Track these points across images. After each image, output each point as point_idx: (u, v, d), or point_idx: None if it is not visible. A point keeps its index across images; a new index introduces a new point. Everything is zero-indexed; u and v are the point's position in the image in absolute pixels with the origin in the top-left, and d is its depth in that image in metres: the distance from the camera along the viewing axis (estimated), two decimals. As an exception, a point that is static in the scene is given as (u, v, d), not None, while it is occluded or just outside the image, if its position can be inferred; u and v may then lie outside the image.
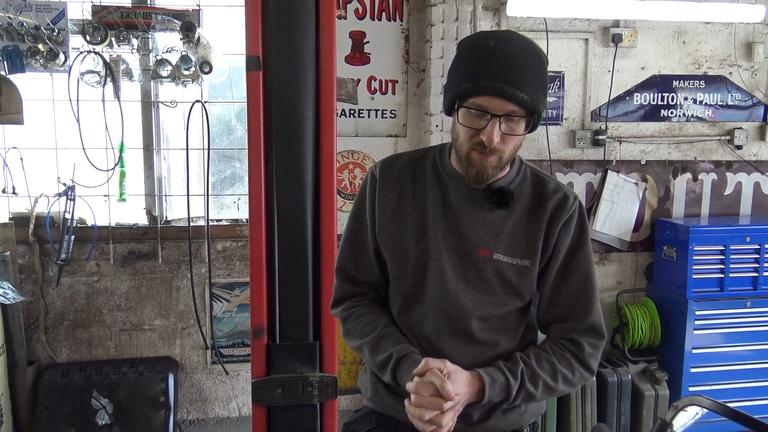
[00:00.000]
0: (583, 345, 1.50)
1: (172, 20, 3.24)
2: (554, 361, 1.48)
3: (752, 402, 3.66)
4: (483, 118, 1.35)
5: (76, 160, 3.39)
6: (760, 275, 3.65)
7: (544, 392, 1.47)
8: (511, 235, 1.49)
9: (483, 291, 1.48)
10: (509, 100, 1.32)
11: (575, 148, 3.81)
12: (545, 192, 1.52)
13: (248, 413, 3.72)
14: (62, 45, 3.18)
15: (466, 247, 1.48)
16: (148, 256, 3.61)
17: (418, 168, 1.58)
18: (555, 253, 1.50)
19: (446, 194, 1.52)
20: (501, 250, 1.48)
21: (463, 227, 1.49)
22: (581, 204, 1.54)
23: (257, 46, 2.28)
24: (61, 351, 3.60)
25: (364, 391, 1.68)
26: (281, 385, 2.33)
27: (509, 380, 1.43)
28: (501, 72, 1.32)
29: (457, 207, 1.50)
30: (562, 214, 1.49)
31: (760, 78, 3.97)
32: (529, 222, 1.50)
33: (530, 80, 1.33)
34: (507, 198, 1.48)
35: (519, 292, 1.50)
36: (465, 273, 1.48)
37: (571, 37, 3.74)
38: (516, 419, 1.55)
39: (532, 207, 1.51)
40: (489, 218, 1.49)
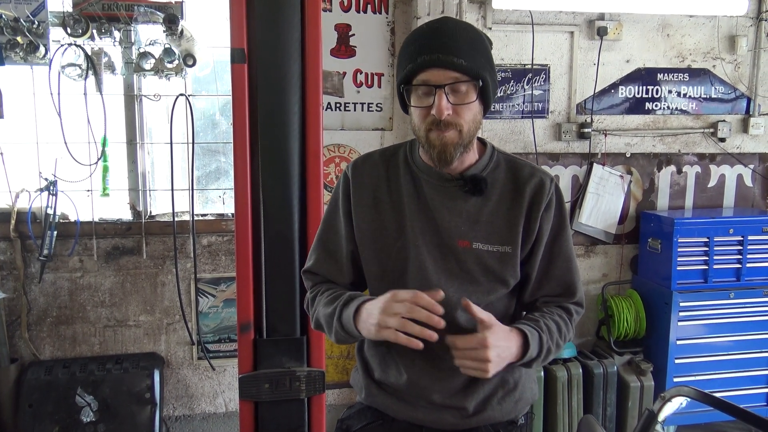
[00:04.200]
0: (571, 310, 1.56)
1: (155, 12, 3.20)
2: (557, 319, 1.51)
3: (736, 392, 3.71)
4: (430, 95, 1.37)
5: (58, 155, 3.34)
6: (744, 266, 3.69)
7: (555, 349, 1.49)
8: (490, 222, 1.48)
9: (467, 281, 1.48)
10: (448, 67, 1.35)
11: (561, 141, 3.83)
12: (521, 177, 1.52)
13: (235, 409, 3.70)
14: (42, 37, 3.13)
15: (444, 239, 1.48)
16: (133, 252, 3.57)
17: (390, 165, 1.57)
18: (539, 239, 1.51)
19: (420, 188, 1.51)
20: (480, 239, 1.47)
21: (440, 220, 1.48)
22: (557, 186, 1.55)
23: (242, 39, 2.25)
24: (45, 348, 3.56)
25: (357, 390, 1.68)
26: (268, 380, 2.32)
27: (540, 333, 1.43)
28: (436, 45, 1.36)
29: (431, 200, 1.49)
30: (542, 200, 1.49)
31: (743, 71, 4.00)
32: (508, 208, 1.49)
33: (467, 48, 1.37)
34: (481, 185, 1.48)
35: (502, 279, 1.49)
36: (446, 265, 1.48)
37: (556, 30, 3.75)
38: (511, 408, 1.55)
39: (509, 192, 1.51)
40: (465, 208, 1.48)
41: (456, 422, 1.51)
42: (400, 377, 1.53)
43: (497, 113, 3.74)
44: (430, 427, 1.53)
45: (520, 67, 3.73)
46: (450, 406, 1.50)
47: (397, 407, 1.55)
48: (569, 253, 1.56)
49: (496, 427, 1.55)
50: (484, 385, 1.50)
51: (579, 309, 1.59)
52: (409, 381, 1.51)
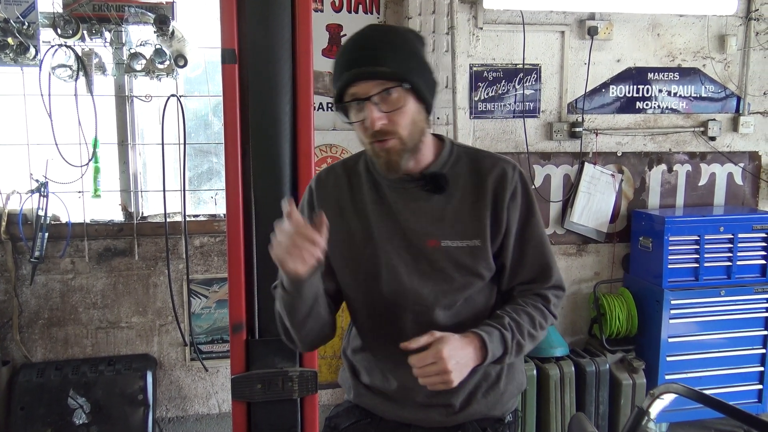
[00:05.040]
0: (549, 297, 1.54)
1: (146, 13, 3.20)
2: (529, 310, 1.49)
3: (728, 389, 3.73)
4: (363, 108, 1.36)
5: (49, 156, 3.33)
6: (734, 264, 3.71)
7: (529, 340, 1.48)
8: (456, 218, 1.48)
9: (441, 280, 1.47)
10: (371, 78, 1.33)
11: (552, 140, 3.84)
12: (483, 169, 1.51)
13: (228, 410, 3.70)
14: (33, 38, 3.12)
15: (413, 241, 1.47)
16: (125, 253, 3.56)
17: (352, 174, 1.56)
18: (508, 229, 1.50)
19: (382, 193, 1.50)
20: (448, 236, 1.46)
21: (406, 222, 1.48)
22: (521, 172, 1.54)
23: (233, 39, 2.25)
24: (36, 350, 3.55)
25: (346, 390, 1.67)
26: (261, 380, 2.31)
27: (502, 331, 1.42)
28: (358, 58, 1.35)
29: (395, 204, 1.49)
30: (506, 189, 1.48)
31: (732, 70, 4.03)
32: (473, 202, 1.49)
33: (391, 54, 1.36)
34: (440, 182, 1.47)
35: (476, 273, 1.48)
36: (418, 267, 1.47)
37: (547, 29, 3.76)
38: (496, 401, 1.55)
39: (472, 186, 1.50)
40: (429, 207, 1.48)
41: (443, 420, 1.51)
42: (387, 382, 1.54)
43: (489, 113, 3.75)
44: (417, 425, 1.54)
45: (512, 67, 3.74)
46: (436, 405, 1.51)
47: (384, 407, 1.56)
48: (541, 237, 1.54)
49: (483, 425, 1.55)
50: (468, 381, 1.48)
51: (558, 292, 1.56)
52: (398, 385, 1.51)
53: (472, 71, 3.70)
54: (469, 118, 3.73)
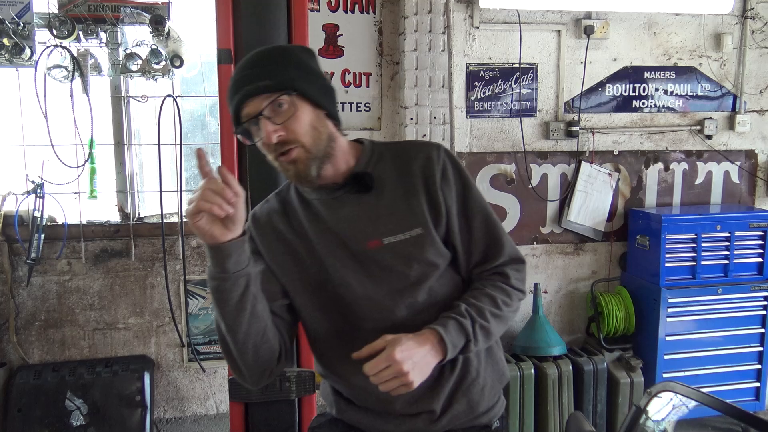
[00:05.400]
0: (508, 272, 1.51)
1: (142, 13, 3.19)
2: (489, 291, 1.47)
3: (725, 386, 3.74)
4: (259, 126, 1.36)
5: (45, 157, 3.32)
6: (731, 262, 3.72)
7: (495, 322, 1.45)
8: (391, 213, 1.46)
9: (394, 279, 1.45)
10: (257, 94, 1.35)
11: (549, 139, 3.84)
12: (407, 158, 1.50)
13: (226, 410, 3.69)
14: (28, 39, 3.11)
15: (354, 247, 1.45)
16: (121, 254, 3.56)
17: (285, 202, 1.55)
18: (448, 210, 1.48)
19: (315, 210, 1.49)
20: (388, 233, 1.44)
21: (342, 231, 1.46)
22: (447, 150, 1.53)
23: (228, 40, 2.25)
24: (33, 352, 3.54)
25: (328, 405, 1.65)
26: (258, 381, 2.31)
27: (459, 320, 1.39)
28: (241, 79, 1.38)
29: (328, 216, 1.47)
30: (434, 172, 1.47)
31: (728, 68, 4.03)
32: (404, 192, 1.47)
33: (271, 68, 1.38)
34: (365, 180, 1.46)
35: (427, 261, 1.45)
36: (368, 272, 1.45)
37: (543, 29, 3.76)
38: (479, 397, 1.52)
39: (400, 178, 1.48)
40: (361, 209, 1.46)
41: (428, 428, 1.48)
42: (366, 396, 1.50)
43: (485, 112, 3.75)
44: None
45: (508, 66, 3.74)
46: (418, 413, 1.48)
47: (368, 421, 1.53)
48: (484, 210, 1.53)
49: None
50: (446, 382, 1.47)
51: (516, 266, 1.54)
52: (378, 400, 1.47)
53: (469, 71, 3.70)
54: (466, 117, 3.73)
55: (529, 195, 3.85)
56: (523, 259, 1.56)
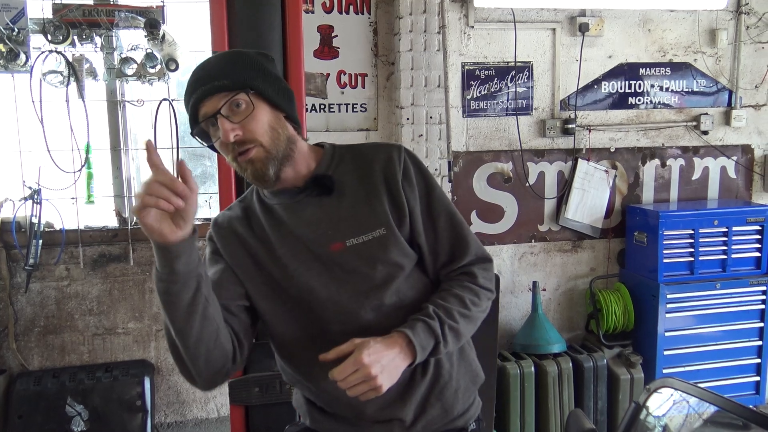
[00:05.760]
0: (475, 272, 1.50)
1: (136, 17, 3.19)
2: (457, 291, 1.46)
3: (725, 381, 3.75)
4: (217, 126, 1.36)
5: (42, 163, 3.32)
6: (729, 257, 3.73)
7: (464, 322, 1.43)
8: (352, 215, 1.44)
9: (359, 281, 1.43)
10: (213, 93, 1.35)
11: (545, 137, 3.84)
12: (367, 159, 1.49)
13: (227, 413, 3.68)
14: (23, 45, 3.10)
15: (317, 251, 1.44)
16: (120, 259, 3.55)
17: (248, 209, 1.53)
18: (411, 210, 1.46)
19: (276, 215, 1.48)
20: (351, 234, 1.43)
21: (305, 235, 1.44)
22: (408, 151, 1.52)
23: (223, 42, 2.25)
24: (33, 358, 3.53)
25: (301, 413, 1.61)
26: (258, 384, 2.31)
27: (427, 321, 1.38)
28: (197, 79, 1.39)
29: (290, 220, 1.46)
30: (395, 171, 1.46)
31: (724, 64, 4.04)
32: (366, 193, 1.46)
33: (227, 68, 1.38)
34: (326, 183, 1.45)
35: (392, 262, 1.43)
36: (332, 275, 1.43)
37: (538, 27, 3.77)
38: (452, 400, 1.49)
39: (361, 179, 1.47)
40: (322, 213, 1.45)
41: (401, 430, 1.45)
42: (336, 403, 1.48)
43: (481, 111, 3.75)
44: None
45: (504, 65, 3.75)
46: (390, 419, 1.45)
47: (342, 430, 1.51)
48: (448, 209, 1.51)
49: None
50: (418, 387, 1.45)
51: (483, 265, 1.52)
52: (348, 406, 1.44)
53: (464, 70, 3.70)
54: (462, 116, 3.73)
55: (526, 193, 3.85)
56: (490, 258, 1.55)
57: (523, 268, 3.91)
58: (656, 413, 1.56)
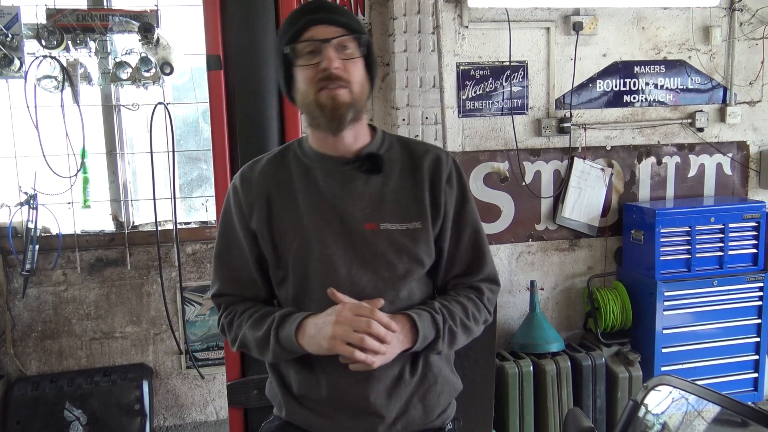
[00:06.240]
0: (483, 289, 1.53)
1: (130, 21, 3.18)
2: (462, 300, 1.48)
3: (723, 378, 3.75)
4: (316, 54, 1.37)
5: (37, 168, 3.31)
6: (725, 254, 3.73)
7: (462, 330, 1.45)
8: (394, 200, 1.45)
9: (381, 267, 1.42)
10: (332, 23, 1.37)
11: (541, 136, 3.85)
12: (416, 154, 1.51)
13: (226, 416, 3.67)
14: (17, 50, 3.10)
15: (351, 225, 1.42)
16: (117, 263, 3.55)
17: (279, 165, 1.52)
18: (446, 213, 1.48)
19: (314, 179, 1.47)
20: (388, 219, 1.43)
21: (342, 206, 1.43)
22: (454, 159, 1.55)
23: (217, 45, 2.24)
24: (31, 363, 3.52)
25: (275, 404, 1.58)
26: (257, 386, 2.30)
27: (433, 314, 1.40)
28: (318, 6, 1.41)
29: (330, 188, 1.45)
30: (441, 173, 1.48)
31: (718, 61, 4.05)
32: (410, 184, 1.47)
33: (347, 13, 1.44)
34: (378, 161, 1.45)
35: (417, 258, 1.44)
36: (357, 254, 1.42)
37: (532, 26, 3.77)
38: (434, 403, 1.49)
39: (408, 170, 1.49)
40: (366, 190, 1.44)
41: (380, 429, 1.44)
42: (320, 390, 1.45)
43: (477, 111, 3.76)
44: None
45: (498, 65, 3.75)
46: (372, 413, 1.43)
47: (318, 423, 1.47)
48: (476, 224, 1.54)
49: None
50: (405, 386, 1.45)
51: (492, 286, 1.55)
52: (329, 391, 1.43)
53: (459, 70, 3.70)
54: (458, 116, 3.73)
55: (522, 192, 3.86)
56: (499, 282, 1.58)
57: (520, 267, 3.91)
58: (654, 411, 1.56)
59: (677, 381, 1.49)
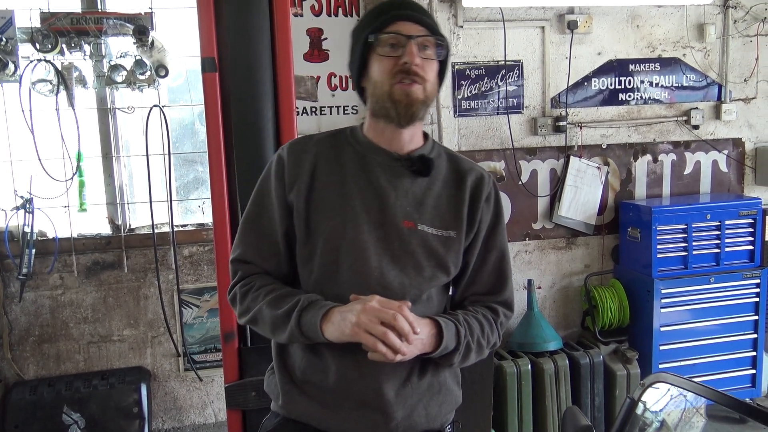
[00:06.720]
0: (499, 312, 1.55)
1: (125, 24, 3.18)
2: (480, 318, 1.50)
3: (721, 375, 3.76)
4: (398, 46, 1.41)
5: (33, 172, 3.31)
6: (722, 251, 3.74)
7: (476, 348, 1.47)
8: (434, 206, 1.49)
9: (409, 266, 1.44)
10: (418, 22, 1.42)
11: (537, 135, 3.85)
12: (462, 168, 1.56)
13: (224, 419, 3.68)
14: (11, 54, 3.09)
15: (389, 218, 1.45)
16: (113, 266, 3.54)
17: (332, 145, 1.54)
18: (479, 229, 1.53)
19: (367, 166, 1.49)
20: (425, 221, 1.46)
21: (386, 198, 1.46)
22: (495, 182, 1.60)
23: (212, 48, 2.25)
24: (28, 368, 3.52)
25: (274, 397, 1.57)
26: (255, 388, 2.31)
27: (457, 326, 1.42)
28: (405, 5, 1.46)
29: (378, 179, 1.47)
30: (482, 190, 1.53)
31: (712, 58, 4.06)
32: (451, 194, 1.51)
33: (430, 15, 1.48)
34: (428, 164, 1.49)
35: (445, 265, 1.48)
36: (389, 246, 1.44)
37: (527, 25, 3.77)
38: (436, 412, 1.51)
39: (452, 180, 1.53)
40: (411, 189, 1.48)
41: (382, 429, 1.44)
42: (327, 377, 1.45)
43: (473, 111, 3.76)
44: None
45: (494, 64, 3.75)
46: (379, 409, 1.43)
47: (319, 414, 1.46)
48: (504, 247, 1.58)
49: None
50: (412, 390, 1.46)
51: (507, 311, 1.58)
52: (337, 379, 1.43)
53: (455, 70, 3.71)
54: (454, 116, 3.74)
55: (519, 191, 3.86)
56: (514, 309, 1.60)
57: (517, 266, 3.92)
58: (651, 408, 1.56)
59: (674, 378, 1.50)
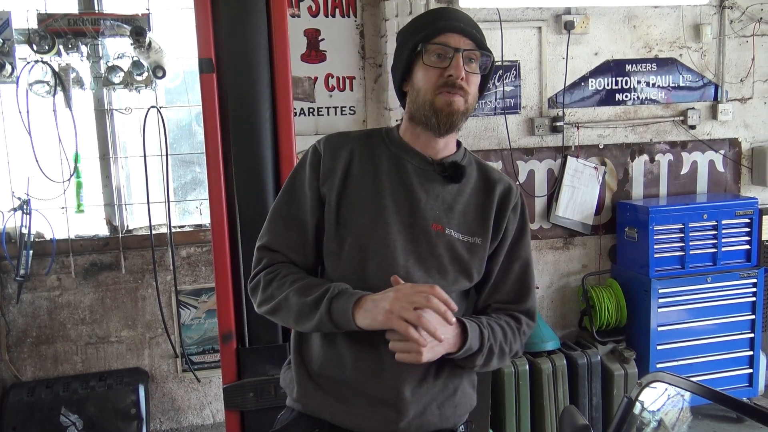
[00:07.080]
0: (522, 320, 1.57)
1: (122, 25, 3.18)
2: (503, 325, 1.52)
3: (718, 374, 3.76)
4: (445, 57, 1.43)
5: (30, 173, 3.30)
6: (719, 250, 3.74)
7: (498, 353, 1.48)
8: (463, 212, 1.51)
9: (434, 268, 1.47)
10: (467, 36, 1.44)
11: (534, 135, 3.86)
12: (491, 177, 1.58)
13: (223, 419, 3.67)
14: (8, 55, 3.09)
15: (419, 220, 1.47)
16: (111, 267, 3.54)
17: (368, 143, 1.56)
18: (504, 238, 1.55)
19: (401, 167, 1.51)
20: (453, 226, 1.49)
21: (417, 200, 1.48)
22: (521, 194, 1.63)
23: (209, 48, 2.25)
24: (26, 369, 3.51)
25: (289, 391, 1.57)
26: (253, 388, 2.31)
27: (481, 328, 1.43)
28: (454, 16, 1.47)
29: (410, 180, 1.50)
30: (510, 200, 1.56)
31: (709, 58, 4.06)
32: (479, 202, 1.53)
33: (478, 28, 1.49)
34: (460, 171, 1.51)
35: (468, 271, 1.50)
36: (417, 248, 1.46)
37: (524, 25, 3.78)
38: (450, 414, 1.51)
39: (481, 188, 1.55)
40: (442, 193, 1.50)
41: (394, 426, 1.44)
42: (343, 371, 1.46)
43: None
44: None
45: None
46: (393, 407, 1.43)
47: (333, 409, 1.47)
48: (528, 258, 1.60)
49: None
50: (427, 389, 1.46)
51: (529, 321, 1.58)
52: (353, 372, 1.44)
53: (452, 70, 3.70)
54: (451, 117, 3.73)
55: (516, 192, 3.86)
56: (536, 319, 1.61)
57: (515, 266, 3.92)
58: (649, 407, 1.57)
59: (671, 377, 1.50)
